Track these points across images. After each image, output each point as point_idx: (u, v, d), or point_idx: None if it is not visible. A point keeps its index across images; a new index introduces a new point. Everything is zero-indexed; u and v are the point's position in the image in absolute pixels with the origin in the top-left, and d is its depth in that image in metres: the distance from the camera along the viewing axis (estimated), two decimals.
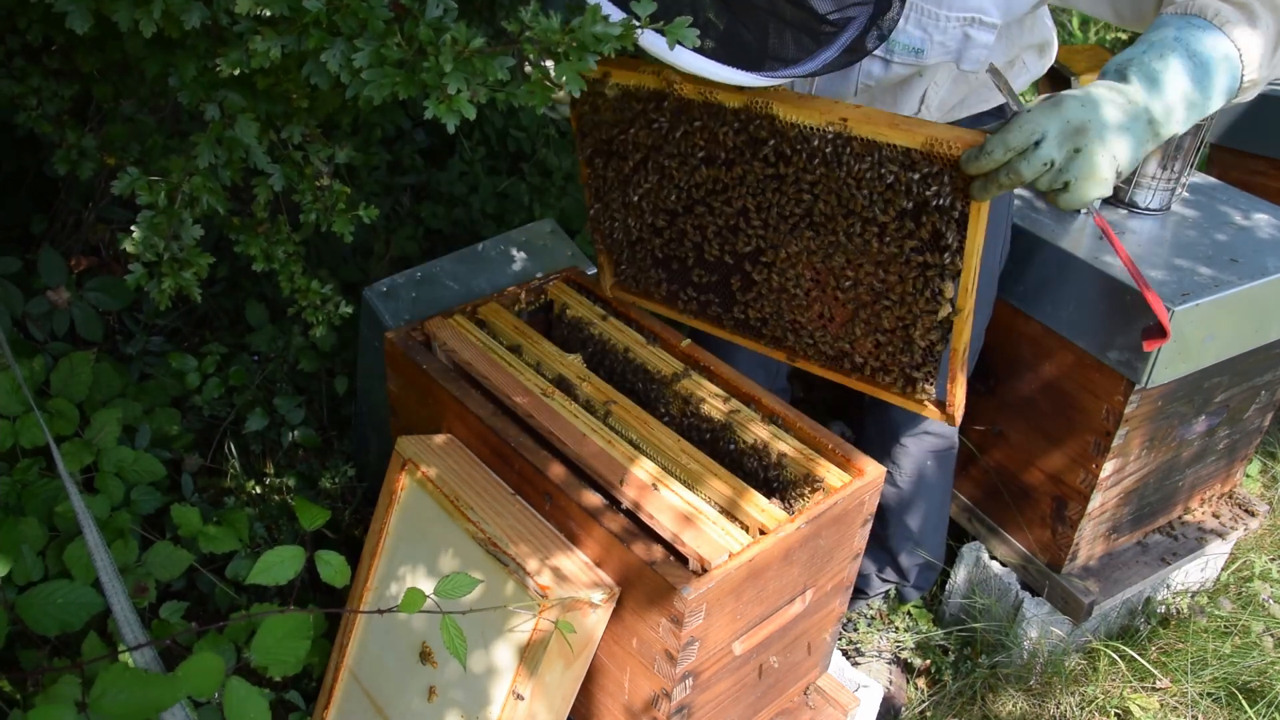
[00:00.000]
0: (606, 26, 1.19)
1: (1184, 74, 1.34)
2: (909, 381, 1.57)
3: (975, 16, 1.59)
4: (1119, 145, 1.31)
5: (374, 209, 1.61)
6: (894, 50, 1.66)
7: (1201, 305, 2.00)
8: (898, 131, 1.39)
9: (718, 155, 1.56)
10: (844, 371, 1.65)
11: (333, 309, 1.71)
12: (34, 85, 1.67)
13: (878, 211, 1.45)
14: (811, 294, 1.59)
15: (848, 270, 1.53)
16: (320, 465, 2.54)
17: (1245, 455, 2.63)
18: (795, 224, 1.54)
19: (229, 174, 1.46)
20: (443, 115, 1.20)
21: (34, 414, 1.91)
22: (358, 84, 1.22)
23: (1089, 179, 1.30)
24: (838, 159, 1.44)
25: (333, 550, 1.60)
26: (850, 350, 1.61)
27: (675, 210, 1.67)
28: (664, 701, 1.58)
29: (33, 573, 1.77)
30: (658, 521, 1.54)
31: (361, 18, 1.20)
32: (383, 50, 1.20)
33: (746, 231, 1.60)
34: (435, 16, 1.21)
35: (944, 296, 1.46)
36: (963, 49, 1.63)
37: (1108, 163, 1.30)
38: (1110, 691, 2.37)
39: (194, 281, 1.47)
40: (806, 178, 1.49)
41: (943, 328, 1.49)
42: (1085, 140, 1.29)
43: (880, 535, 2.39)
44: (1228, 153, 3.13)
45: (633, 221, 1.74)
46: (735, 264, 1.66)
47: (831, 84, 1.76)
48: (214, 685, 1.43)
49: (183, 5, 1.24)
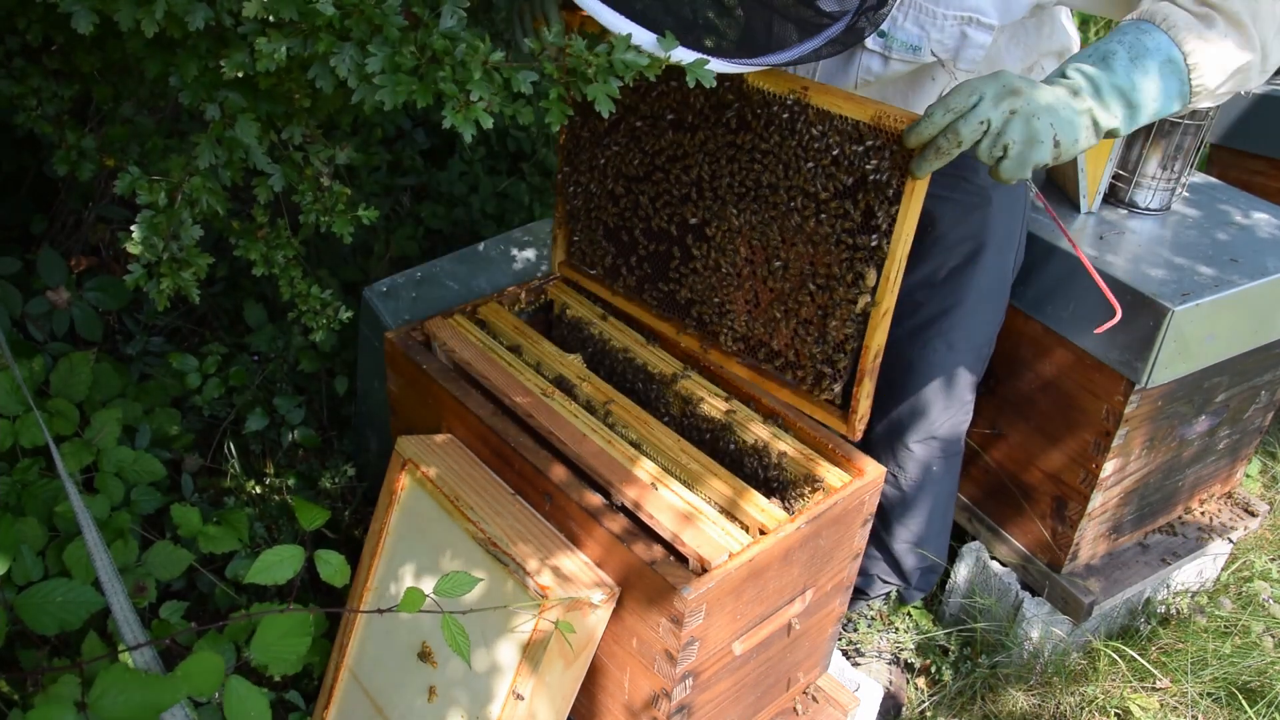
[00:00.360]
0: (636, 55, 1.24)
1: (1124, 73, 1.38)
2: (818, 378, 1.59)
3: (972, 16, 1.60)
4: (1056, 117, 1.34)
5: (374, 210, 1.61)
6: (892, 47, 1.67)
7: (1201, 305, 2.00)
8: (851, 104, 1.44)
9: (685, 118, 1.61)
10: (759, 364, 1.67)
11: (332, 314, 1.72)
12: (34, 85, 1.67)
13: (819, 186, 1.50)
14: (744, 273, 1.63)
15: (781, 250, 1.57)
16: (320, 465, 2.54)
17: (1245, 455, 2.63)
18: (741, 196, 1.59)
19: (229, 174, 1.47)
20: (460, 124, 1.23)
21: (34, 414, 1.91)
22: (366, 89, 1.23)
23: (1027, 143, 1.33)
24: (792, 127, 1.50)
25: (332, 550, 1.60)
26: (769, 338, 1.64)
27: (635, 176, 1.72)
28: (664, 701, 1.58)
29: (33, 573, 1.77)
30: (658, 521, 1.54)
31: (376, 24, 1.21)
32: (397, 57, 1.21)
33: (696, 202, 1.65)
34: (449, 26, 1.23)
35: (865, 284, 1.49)
36: (960, 47, 1.65)
37: (1045, 129, 1.33)
38: (1110, 691, 2.37)
39: (193, 282, 1.48)
40: (761, 145, 1.54)
41: (859, 321, 1.52)
42: (1021, 102, 1.33)
43: (883, 538, 2.39)
44: (1228, 153, 3.13)
45: (595, 186, 1.80)
46: (679, 235, 1.70)
47: (833, 79, 1.78)
48: (214, 685, 1.42)
49: (186, 6, 1.24)
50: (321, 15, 1.19)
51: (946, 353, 2.09)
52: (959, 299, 2.04)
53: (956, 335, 2.08)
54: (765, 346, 1.65)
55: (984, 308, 2.08)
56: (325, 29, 1.21)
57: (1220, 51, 1.41)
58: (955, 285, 2.04)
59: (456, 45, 1.22)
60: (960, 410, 2.19)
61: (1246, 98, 3.01)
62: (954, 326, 2.07)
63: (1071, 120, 1.36)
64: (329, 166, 1.60)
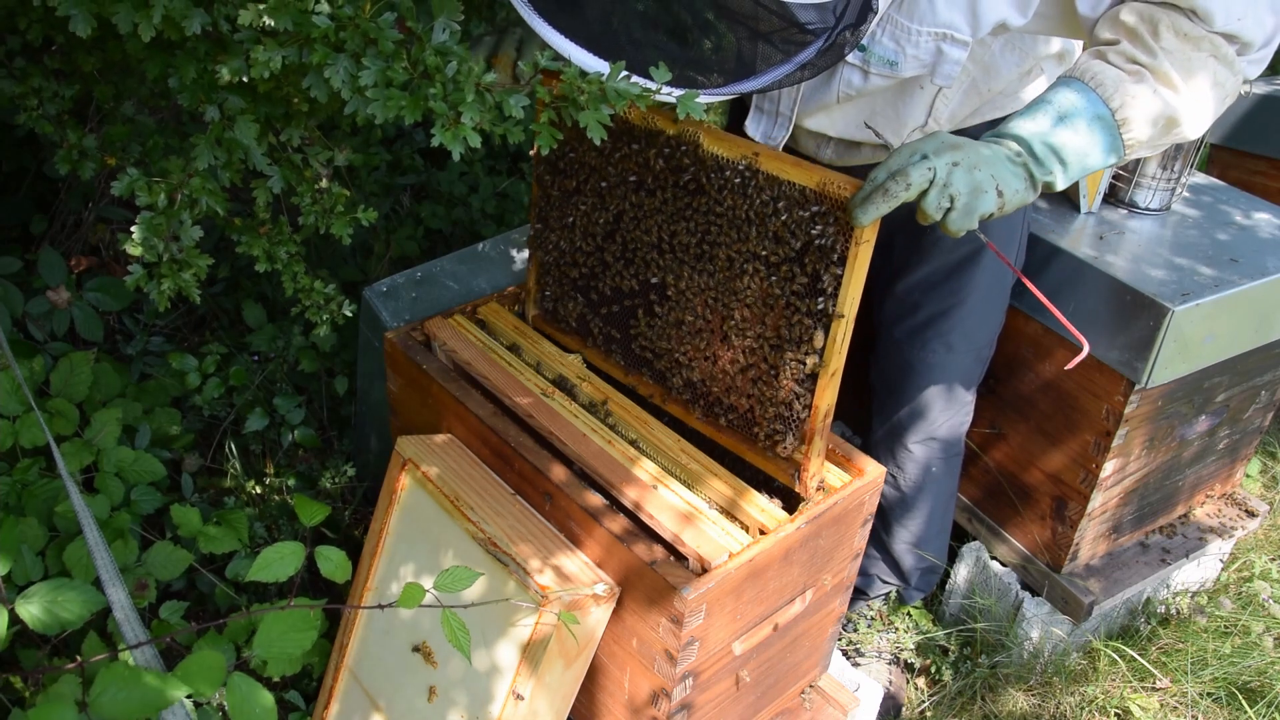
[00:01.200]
0: (628, 85, 1.25)
1: (1054, 132, 1.43)
2: (771, 436, 1.62)
3: (946, 32, 1.62)
4: (996, 169, 1.38)
5: (373, 212, 1.62)
6: (870, 62, 1.69)
7: (1201, 305, 2.00)
8: (799, 171, 1.48)
9: (646, 179, 1.66)
10: (716, 419, 1.70)
11: (335, 308, 1.72)
12: (34, 85, 1.67)
13: (769, 249, 1.53)
14: (702, 331, 1.67)
15: (735, 310, 1.61)
16: (320, 465, 2.54)
17: (1245, 455, 2.63)
18: (699, 257, 1.63)
19: (228, 175, 1.47)
20: (449, 142, 1.24)
21: (34, 414, 1.91)
22: (358, 101, 1.24)
23: (972, 193, 1.37)
24: (744, 191, 1.54)
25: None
26: (725, 395, 1.68)
27: (601, 235, 1.77)
28: (664, 701, 1.58)
29: (33, 573, 1.77)
30: (658, 521, 1.54)
31: (372, 37, 1.21)
32: (389, 72, 1.21)
33: (658, 262, 1.69)
34: (440, 41, 1.23)
35: (812, 346, 1.52)
36: (936, 63, 1.66)
37: (987, 179, 1.37)
38: (1110, 691, 2.37)
39: (193, 283, 1.48)
40: (716, 209, 1.58)
41: (809, 382, 1.55)
42: (962, 155, 1.37)
43: (883, 538, 2.39)
44: (1228, 153, 3.13)
45: (565, 244, 1.84)
46: (642, 293, 1.74)
47: (816, 93, 1.81)
48: (215, 683, 1.42)
49: (183, 11, 1.24)
50: (317, 27, 1.20)
51: (945, 354, 2.09)
52: (958, 300, 2.04)
53: (955, 336, 2.08)
54: (721, 403, 1.69)
55: (983, 309, 2.08)
56: (321, 40, 1.22)
57: (1149, 107, 1.44)
58: (954, 286, 2.04)
59: (448, 62, 1.24)
60: (960, 411, 2.19)
61: (1246, 98, 3.02)
62: (953, 328, 2.07)
63: (1011, 173, 1.40)
64: (328, 168, 1.61)
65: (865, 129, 1.87)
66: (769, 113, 1.89)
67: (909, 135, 1.86)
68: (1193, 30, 1.43)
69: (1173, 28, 1.43)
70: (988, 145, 1.41)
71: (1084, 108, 1.44)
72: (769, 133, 1.91)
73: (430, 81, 1.23)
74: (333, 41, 1.22)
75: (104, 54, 1.67)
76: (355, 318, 2.26)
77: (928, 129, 1.85)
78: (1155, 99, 1.44)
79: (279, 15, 1.19)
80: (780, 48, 1.41)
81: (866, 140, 1.91)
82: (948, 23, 1.60)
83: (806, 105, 1.84)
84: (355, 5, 1.21)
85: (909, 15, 1.61)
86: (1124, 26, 1.47)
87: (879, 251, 1.51)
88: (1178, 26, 1.43)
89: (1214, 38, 1.44)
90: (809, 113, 1.86)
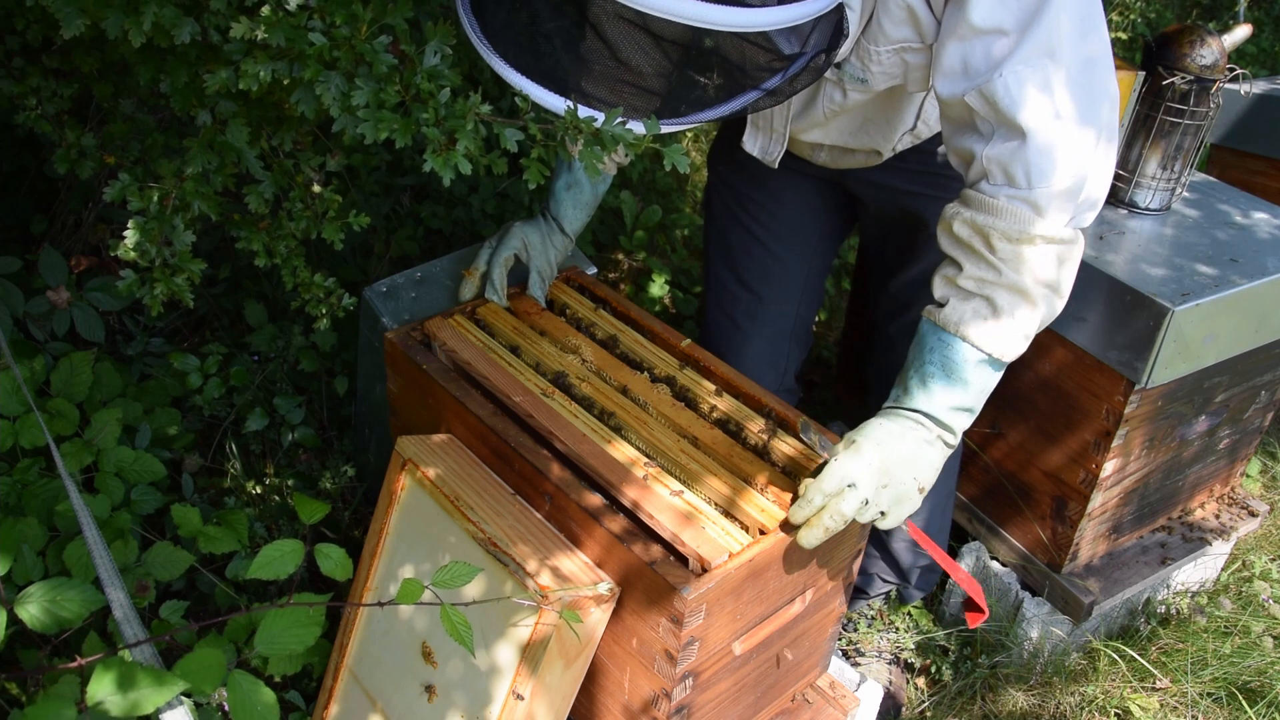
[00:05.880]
0: (623, 131, 1.25)
1: (948, 392, 1.56)
2: None
3: (905, 45, 1.65)
4: (918, 468, 1.53)
5: (364, 217, 1.62)
6: (844, 79, 1.75)
7: (1201, 305, 2.00)
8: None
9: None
10: None
11: (335, 301, 1.72)
12: (34, 85, 1.67)
13: None
14: None
15: None
16: (320, 465, 2.54)
17: (1245, 455, 2.63)
18: None
19: (220, 179, 1.47)
20: (440, 168, 1.24)
21: (34, 414, 1.91)
22: (347, 120, 1.24)
23: (899, 504, 1.53)
24: None
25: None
26: None
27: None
28: (664, 701, 1.58)
29: (33, 572, 1.77)
30: (657, 521, 1.54)
31: (367, 59, 1.21)
32: (382, 94, 1.22)
33: None
34: (432, 64, 1.23)
35: None
36: (906, 73, 1.70)
37: (910, 484, 1.53)
38: (1110, 691, 2.37)
39: (186, 287, 1.47)
40: None
41: None
42: (890, 476, 1.52)
43: (883, 537, 2.39)
44: (1228, 153, 3.13)
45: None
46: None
47: (806, 109, 1.86)
48: (215, 681, 1.42)
49: (173, 20, 1.24)
50: (312, 45, 1.20)
51: None
52: None
53: None
54: None
55: None
56: (315, 58, 1.22)
57: (1011, 327, 1.54)
58: None
59: (441, 87, 1.24)
60: None
61: (1246, 98, 3.01)
62: None
63: (928, 460, 1.55)
64: (319, 173, 1.61)
65: (857, 136, 1.93)
66: (764, 129, 1.95)
67: (899, 140, 1.93)
68: (1020, 232, 1.50)
69: (1004, 235, 1.51)
70: (905, 436, 1.54)
71: (963, 358, 1.55)
72: (766, 148, 1.97)
73: (423, 106, 1.23)
74: (326, 59, 1.22)
75: (102, 54, 1.66)
76: (355, 317, 2.26)
77: (918, 131, 1.92)
78: (1012, 318, 1.53)
79: (273, 31, 1.19)
80: (752, 75, 1.42)
81: (860, 146, 1.95)
82: (903, 37, 1.64)
83: (798, 122, 1.90)
84: (353, 26, 1.21)
85: (870, 37, 1.65)
86: (960, 243, 1.56)
87: (874, 249, 1.52)
88: (1006, 233, 1.50)
89: (1038, 224, 1.49)
90: (802, 128, 1.92)
